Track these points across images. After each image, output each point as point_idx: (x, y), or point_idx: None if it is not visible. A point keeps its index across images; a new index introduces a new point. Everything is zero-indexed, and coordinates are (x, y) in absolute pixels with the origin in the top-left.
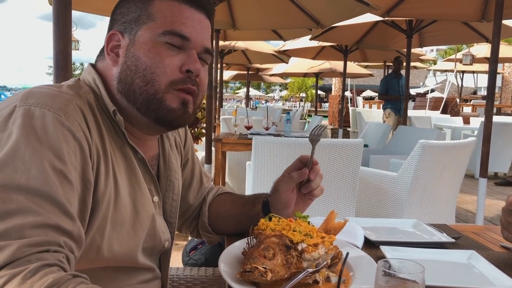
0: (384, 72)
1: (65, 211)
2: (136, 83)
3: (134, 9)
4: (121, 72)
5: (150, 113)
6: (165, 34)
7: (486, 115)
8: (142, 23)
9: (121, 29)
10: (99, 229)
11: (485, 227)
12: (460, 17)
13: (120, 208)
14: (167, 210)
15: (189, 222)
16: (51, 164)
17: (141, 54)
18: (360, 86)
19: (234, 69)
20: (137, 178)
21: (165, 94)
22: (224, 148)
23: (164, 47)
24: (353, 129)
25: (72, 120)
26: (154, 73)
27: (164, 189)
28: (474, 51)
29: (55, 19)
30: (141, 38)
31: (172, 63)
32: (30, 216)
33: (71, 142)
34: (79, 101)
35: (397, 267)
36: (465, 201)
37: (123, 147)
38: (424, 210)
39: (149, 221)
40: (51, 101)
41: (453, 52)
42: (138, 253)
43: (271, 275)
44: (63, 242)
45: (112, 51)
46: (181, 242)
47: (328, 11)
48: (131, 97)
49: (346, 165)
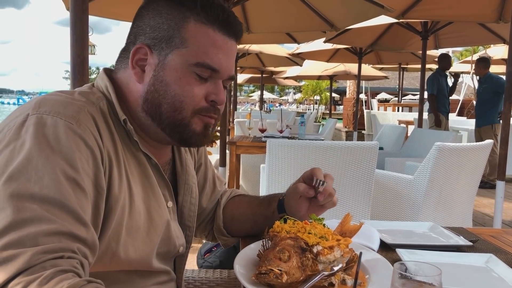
0: (399, 74)
1: (79, 218)
2: (164, 107)
3: (166, 27)
4: (148, 92)
5: (174, 134)
6: (197, 65)
7: (504, 118)
8: (174, 47)
9: (149, 43)
10: (114, 235)
11: (503, 231)
12: (477, 18)
13: (134, 214)
14: (185, 214)
15: (204, 225)
16: (64, 172)
17: (171, 81)
18: (374, 88)
19: (248, 72)
20: (151, 184)
21: (191, 119)
22: (238, 151)
23: (193, 76)
24: (368, 132)
25: (83, 127)
26: (182, 102)
27: (182, 193)
28: (490, 53)
29: (72, 24)
30: (171, 63)
31: (199, 93)
32: (44, 224)
33: (83, 150)
34: (91, 108)
35: (414, 270)
36: (482, 204)
37: (136, 153)
38: (440, 213)
39: (164, 227)
40: (63, 108)
41: (469, 54)
42: (152, 258)
43: (287, 277)
44: (77, 248)
45: (138, 64)
46: (196, 245)
47: (342, 13)
48: (157, 118)
49: (361, 168)
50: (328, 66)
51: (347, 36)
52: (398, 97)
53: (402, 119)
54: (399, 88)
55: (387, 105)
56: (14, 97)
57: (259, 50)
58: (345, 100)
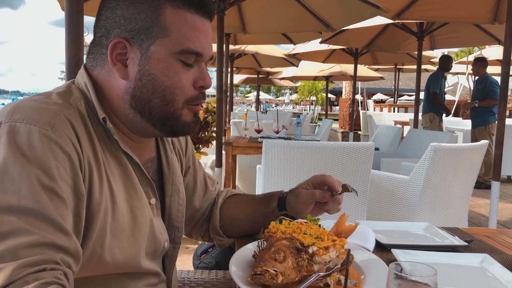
0: (395, 75)
1: (60, 227)
2: (154, 102)
3: (143, 17)
4: (135, 88)
5: (165, 127)
6: (182, 52)
7: (498, 118)
8: (156, 37)
9: (127, 36)
10: (98, 239)
11: (498, 231)
12: (472, 19)
13: (118, 217)
14: (174, 215)
15: (199, 226)
16: (41, 181)
17: (159, 73)
18: (370, 89)
19: (244, 73)
20: (133, 183)
21: (182, 111)
22: (235, 152)
23: (179, 64)
24: (363, 133)
25: (59, 133)
26: (173, 94)
27: (170, 194)
28: (486, 53)
29: (67, 25)
30: (155, 54)
31: (187, 81)
32: (24, 236)
33: (60, 156)
34: (68, 111)
35: (409, 270)
36: (477, 204)
37: (116, 152)
38: (436, 213)
39: (148, 225)
40: (37, 115)
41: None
42: (140, 258)
43: (282, 278)
44: (60, 259)
45: (118, 60)
46: (192, 246)
47: (338, 14)
48: (147, 114)
49: (357, 169)
50: (324, 67)
51: (343, 36)
52: (394, 97)
53: (398, 120)
54: (395, 88)
55: (383, 106)
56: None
57: (255, 51)
58: (341, 101)
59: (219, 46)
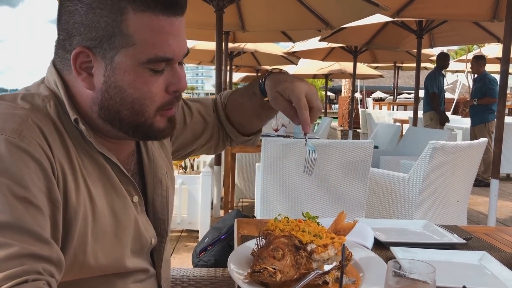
0: (394, 73)
1: (39, 237)
2: (123, 113)
3: (103, 25)
4: (103, 100)
5: (138, 134)
6: (149, 62)
7: (498, 116)
8: (119, 47)
9: (89, 45)
10: (79, 246)
11: (496, 228)
12: (471, 17)
13: (99, 219)
14: (158, 208)
15: (216, 135)
16: (13, 193)
17: (125, 85)
18: (370, 87)
19: (243, 71)
20: (112, 183)
21: (154, 119)
22: (234, 150)
23: (148, 73)
24: (363, 131)
25: (28, 140)
26: (143, 104)
27: (152, 187)
28: (485, 51)
29: None
30: (120, 65)
31: (158, 89)
32: (3, 249)
33: (31, 164)
34: (36, 115)
35: (408, 268)
36: (476, 202)
37: (92, 153)
38: (435, 211)
39: (132, 224)
40: (3, 122)
41: (464, 53)
42: (125, 259)
43: (280, 275)
44: (42, 268)
45: (82, 68)
46: (191, 244)
47: (338, 12)
48: (117, 124)
49: (356, 166)
50: (323, 65)
51: (342, 34)
52: (393, 95)
53: (397, 118)
54: (394, 86)
55: (382, 104)
56: None
57: (254, 49)
58: (340, 99)
59: (218, 44)
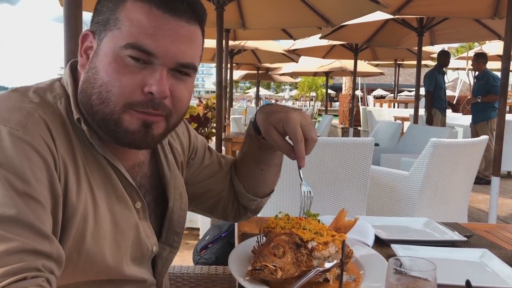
0: (395, 70)
1: (40, 232)
2: (92, 99)
3: (105, 9)
4: (83, 81)
5: (108, 132)
6: (127, 47)
7: (499, 113)
8: (108, 29)
9: (93, 29)
10: (75, 246)
11: (497, 226)
12: (472, 14)
13: (100, 221)
14: (175, 220)
15: (231, 205)
16: (15, 187)
17: (100, 67)
18: (370, 85)
19: (244, 68)
20: (114, 187)
21: (122, 114)
22: (234, 148)
23: (126, 62)
24: (363, 128)
25: (32, 133)
26: (109, 92)
27: (173, 198)
28: (486, 49)
29: (66, 20)
30: (104, 46)
31: (131, 82)
32: (3, 244)
33: (34, 157)
34: (44, 110)
35: (408, 265)
36: (477, 200)
37: (96, 155)
38: (435, 209)
39: (132, 230)
40: (8, 114)
41: (465, 50)
42: (124, 265)
43: (281, 273)
44: (42, 265)
45: (85, 53)
46: (192, 241)
47: (338, 9)
48: (90, 112)
49: (356, 164)
50: (324, 63)
51: (343, 32)
52: (394, 93)
53: (397, 115)
54: (395, 84)
55: (383, 102)
56: None
57: (254, 47)
58: (341, 97)
59: (219, 41)
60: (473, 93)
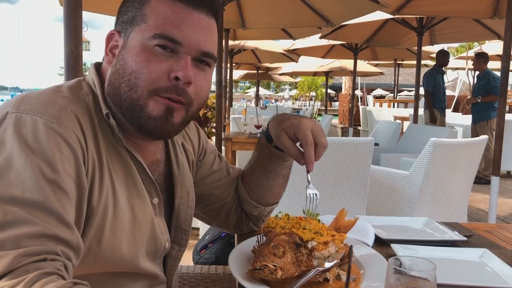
0: (395, 70)
1: (62, 220)
2: (122, 87)
3: (131, 8)
4: (111, 74)
5: (133, 120)
6: (155, 37)
7: (498, 113)
8: (135, 24)
9: (119, 29)
10: (95, 237)
11: (497, 225)
12: (472, 14)
13: (119, 214)
14: (182, 218)
15: (233, 212)
16: (44, 174)
17: (129, 58)
18: (370, 84)
19: (243, 68)
20: (135, 181)
21: (147, 100)
22: (234, 147)
23: (154, 51)
24: (363, 128)
25: (65, 126)
26: (138, 78)
27: (179, 196)
28: (485, 49)
29: (66, 20)
30: (132, 40)
31: (159, 69)
32: (27, 226)
33: (65, 149)
34: (75, 106)
35: (408, 265)
36: (477, 199)
37: (119, 149)
38: (435, 208)
39: (148, 225)
40: (44, 107)
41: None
42: (139, 258)
43: (281, 273)
44: (61, 251)
45: (111, 51)
46: (192, 241)
47: (338, 9)
48: (118, 102)
49: (356, 164)
50: (324, 62)
51: (342, 32)
52: (394, 93)
53: (397, 115)
54: (395, 84)
55: (382, 101)
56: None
57: (254, 46)
58: (340, 96)
59: (219, 41)
60: (474, 93)
